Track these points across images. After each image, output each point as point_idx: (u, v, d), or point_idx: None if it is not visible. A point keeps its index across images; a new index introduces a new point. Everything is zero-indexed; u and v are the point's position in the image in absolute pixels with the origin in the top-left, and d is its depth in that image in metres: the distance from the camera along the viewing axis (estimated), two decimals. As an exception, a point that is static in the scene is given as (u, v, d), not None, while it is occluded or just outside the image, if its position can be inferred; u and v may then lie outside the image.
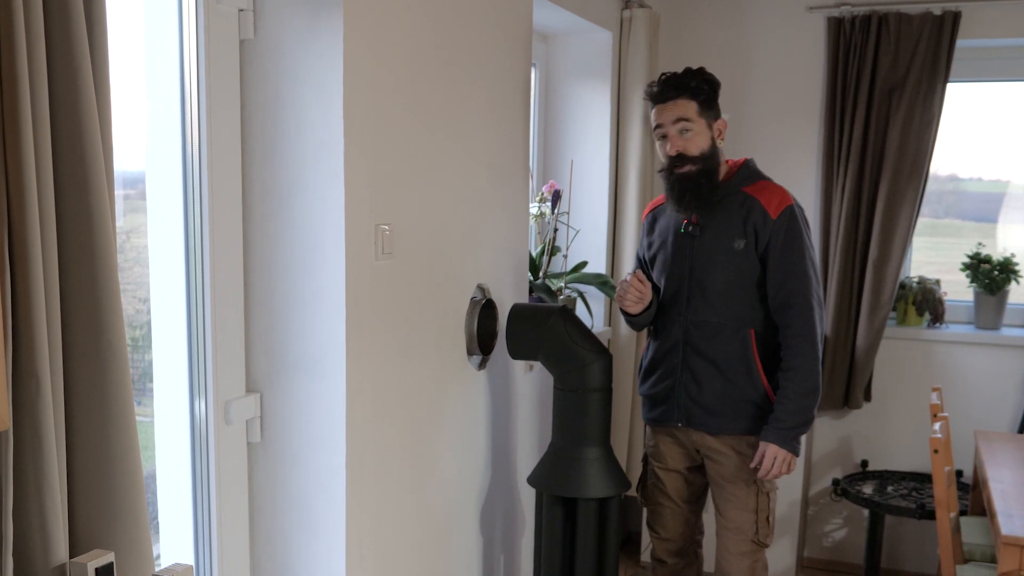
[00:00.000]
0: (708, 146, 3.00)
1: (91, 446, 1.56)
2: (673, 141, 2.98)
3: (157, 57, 2.09)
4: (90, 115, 1.49)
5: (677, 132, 2.98)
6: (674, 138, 2.98)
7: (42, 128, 1.44)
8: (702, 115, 2.98)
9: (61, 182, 1.49)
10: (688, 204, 3.02)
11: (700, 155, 2.99)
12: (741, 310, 3.03)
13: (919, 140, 4.31)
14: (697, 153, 2.98)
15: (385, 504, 2.45)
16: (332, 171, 2.16)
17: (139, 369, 2.16)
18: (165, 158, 2.11)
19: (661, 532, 3.30)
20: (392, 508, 2.49)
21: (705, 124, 2.99)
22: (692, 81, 2.98)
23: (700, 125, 2.98)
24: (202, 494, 2.22)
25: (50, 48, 1.46)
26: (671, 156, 3.00)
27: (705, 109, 2.99)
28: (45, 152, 1.44)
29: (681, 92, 2.97)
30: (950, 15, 4.22)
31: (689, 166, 2.98)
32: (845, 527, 4.80)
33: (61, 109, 1.48)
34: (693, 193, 3.00)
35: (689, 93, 2.97)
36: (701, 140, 2.99)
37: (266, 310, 2.27)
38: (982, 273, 4.55)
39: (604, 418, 2.89)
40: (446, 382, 2.74)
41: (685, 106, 2.97)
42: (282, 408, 2.30)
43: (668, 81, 3.00)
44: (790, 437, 2.95)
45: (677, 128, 2.97)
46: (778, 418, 2.96)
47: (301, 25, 2.15)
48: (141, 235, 2.13)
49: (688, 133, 2.97)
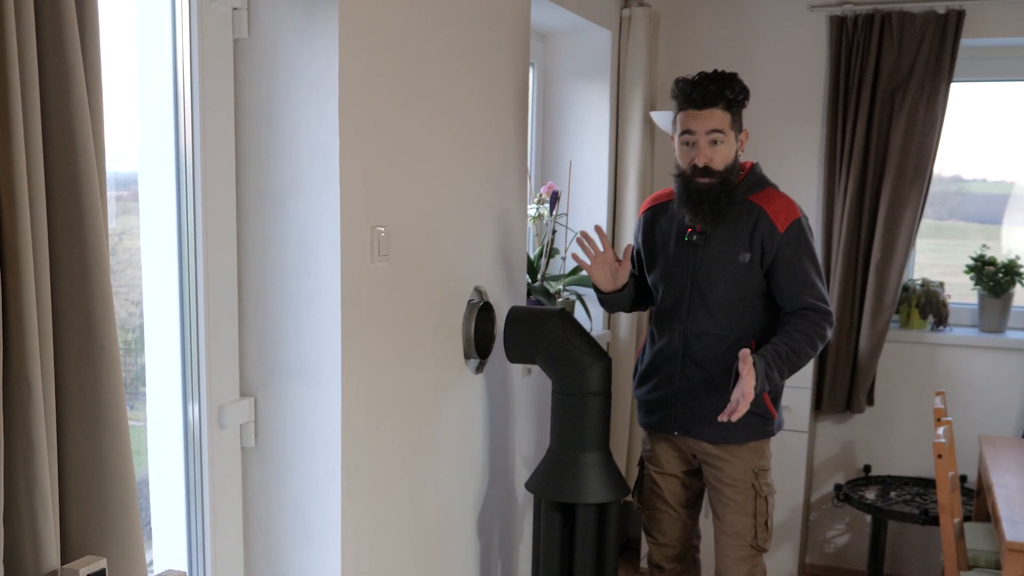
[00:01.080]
0: (732, 159, 2.96)
1: (83, 451, 1.56)
2: (702, 151, 2.91)
3: (150, 56, 2.09)
4: (82, 115, 1.49)
5: (708, 143, 2.91)
6: (703, 148, 2.91)
7: (33, 128, 1.44)
8: (733, 127, 2.93)
9: (52, 183, 1.50)
10: (704, 216, 2.97)
11: (725, 168, 2.94)
12: (742, 322, 3.03)
13: (922, 141, 4.32)
14: (723, 167, 2.93)
15: (381, 510, 2.45)
16: (327, 172, 2.17)
17: (132, 373, 2.16)
18: (158, 159, 2.11)
19: (659, 537, 3.30)
20: (388, 514, 2.49)
21: (734, 136, 2.95)
22: (730, 92, 2.90)
23: (730, 137, 2.93)
24: (195, 500, 2.22)
25: (41, 47, 1.46)
26: (696, 166, 2.93)
27: (735, 120, 2.94)
28: (36, 153, 1.45)
29: (719, 101, 2.89)
30: (954, 14, 4.23)
31: (712, 179, 2.93)
32: (847, 533, 4.80)
33: (52, 109, 1.48)
34: (711, 206, 2.95)
35: (726, 103, 2.90)
36: (728, 152, 2.93)
37: (260, 313, 2.28)
38: (986, 275, 4.56)
39: (603, 422, 2.89)
40: (443, 386, 2.74)
41: (721, 118, 2.90)
42: (277, 412, 2.30)
43: (707, 87, 2.90)
44: (768, 376, 2.84)
45: (709, 139, 2.91)
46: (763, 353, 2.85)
47: (296, 24, 2.16)
48: (134, 237, 2.13)
49: (719, 145, 2.91)
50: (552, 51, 4.31)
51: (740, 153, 3.00)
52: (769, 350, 2.87)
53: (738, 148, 2.98)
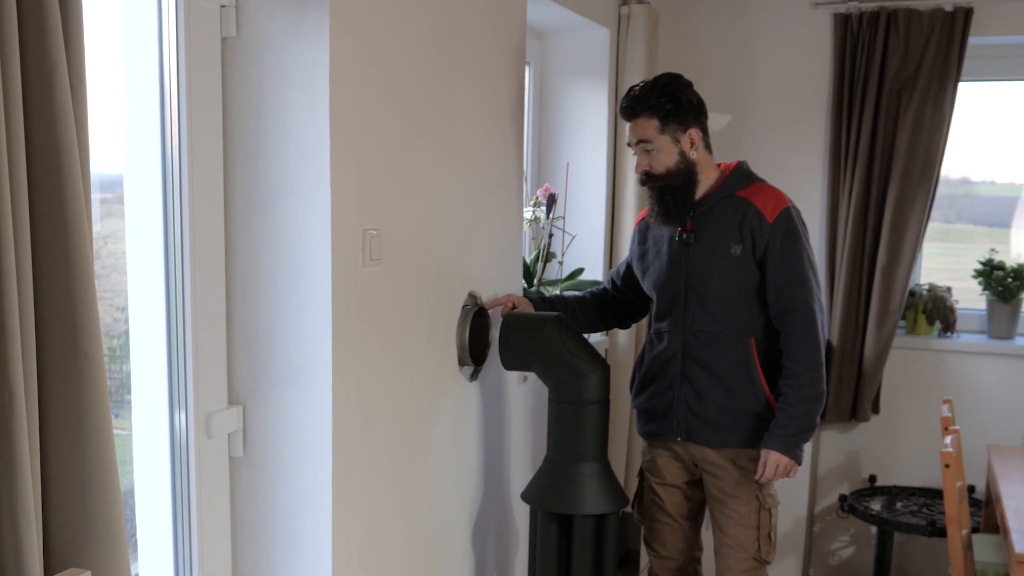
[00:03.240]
0: (674, 162, 3.02)
1: (66, 460, 1.56)
2: (639, 160, 3.05)
3: (136, 55, 2.09)
4: (65, 115, 1.49)
5: (641, 152, 3.03)
6: (640, 157, 3.04)
7: (15, 129, 1.44)
8: (664, 131, 2.99)
9: (35, 185, 1.50)
10: (672, 211, 3.06)
11: (666, 172, 3.02)
12: (741, 318, 3.05)
13: (929, 142, 4.33)
14: (662, 171, 3.02)
15: (373, 521, 2.46)
16: (318, 174, 2.17)
17: (117, 380, 2.16)
18: (144, 160, 2.11)
19: (660, 550, 3.31)
20: (380, 525, 2.50)
21: (669, 140, 3.00)
22: (651, 98, 2.99)
23: (662, 142, 3.00)
24: (182, 511, 2.22)
25: (23, 45, 1.46)
26: (638, 174, 3.07)
27: (668, 124, 2.99)
28: (19, 154, 1.45)
29: (641, 109, 3.00)
30: (962, 11, 4.24)
31: (654, 183, 3.04)
32: (852, 545, 4.81)
33: (35, 109, 1.48)
34: (675, 200, 3.05)
35: (649, 110, 2.99)
36: (665, 157, 3.01)
37: (249, 319, 2.28)
38: (995, 280, 4.57)
39: (601, 431, 2.90)
40: (436, 394, 2.74)
41: (644, 125, 3.00)
42: (266, 421, 2.30)
43: (627, 99, 3.03)
44: (792, 444, 2.97)
45: (641, 148, 3.03)
46: (780, 425, 2.97)
47: (285, 21, 2.16)
48: (119, 241, 2.13)
49: (651, 152, 3.02)
50: (549, 50, 4.32)
51: (691, 152, 3.03)
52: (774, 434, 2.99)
53: (684, 150, 3.02)
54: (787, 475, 3.00)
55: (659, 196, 3.05)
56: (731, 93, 4.66)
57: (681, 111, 3.00)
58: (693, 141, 3.03)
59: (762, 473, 2.98)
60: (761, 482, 3.04)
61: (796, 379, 2.98)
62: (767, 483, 3.08)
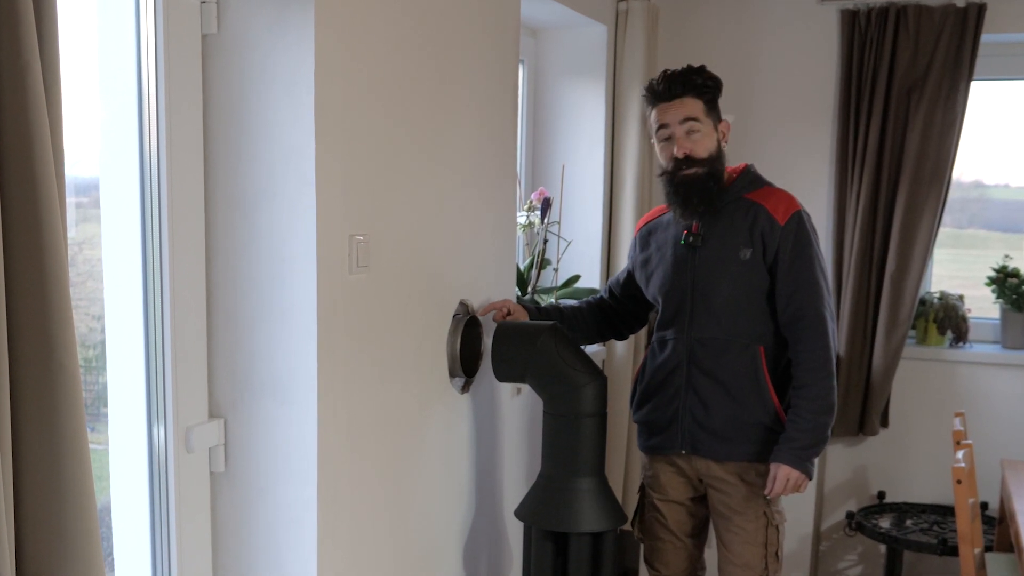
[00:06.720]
0: (715, 148, 3.05)
1: (40, 476, 1.56)
2: (680, 142, 3.01)
3: (112, 52, 2.10)
4: (39, 115, 1.50)
5: (684, 133, 3.01)
6: (681, 139, 3.01)
7: (-13, 130, 1.44)
8: (708, 115, 3.03)
9: (7, 189, 1.49)
10: (695, 208, 3.04)
11: (708, 157, 3.02)
12: (749, 325, 3.05)
13: (940, 143, 4.34)
14: (705, 155, 3.02)
15: (360, 540, 2.46)
16: (302, 177, 2.18)
17: (93, 392, 2.16)
18: (121, 163, 2.11)
19: (662, 570, 3.31)
20: (368, 544, 2.50)
21: (712, 125, 3.04)
22: (698, 78, 3.02)
23: (707, 126, 3.03)
24: (161, 528, 2.22)
25: (-4, 43, 1.47)
26: (677, 158, 3.02)
27: (710, 109, 3.04)
28: (-10, 156, 1.45)
29: (687, 90, 3.01)
30: (974, 7, 4.26)
31: (696, 168, 3.01)
32: (860, 564, 4.81)
33: (7, 109, 1.48)
34: (701, 196, 3.02)
35: (695, 91, 3.01)
36: (708, 142, 3.03)
37: (230, 329, 2.28)
38: (1009, 288, 4.57)
39: (598, 446, 2.90)
40: (426, 407, 2.75)
41: (692, 105, 3.01)
42: (248, 435, 2.31)
43: (673, 78, 3.03)
44: (804, 457, 2.97)
45: (684, 128, 3.01)
46: (790, 438, 2.98)
47: (268, 18, 2.17)
48: (95, 247, 2.14)
49: (696, 134, 3.01)
50: (544, 47, 4.33)
51: (724, 144, 3.08)
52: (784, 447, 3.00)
53: (719, 139, 3.07)
54: (797, 490, 3.00)
55: (696, 182, 3.01)
56: (734, 92, 4.63)
57: (718, 99, 3.05)
58: (724, 133, 3.08)
59: (771, 488, 2.99)
60: (770, 497, 3.05)
61: (807, 389, 2.98)
62: (775, 499, 3.09)
